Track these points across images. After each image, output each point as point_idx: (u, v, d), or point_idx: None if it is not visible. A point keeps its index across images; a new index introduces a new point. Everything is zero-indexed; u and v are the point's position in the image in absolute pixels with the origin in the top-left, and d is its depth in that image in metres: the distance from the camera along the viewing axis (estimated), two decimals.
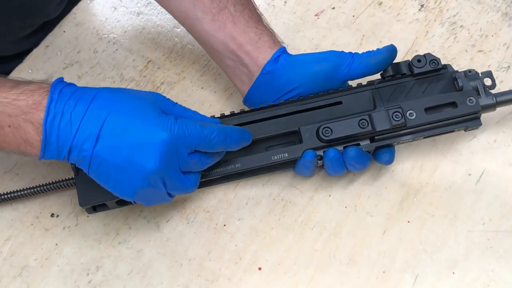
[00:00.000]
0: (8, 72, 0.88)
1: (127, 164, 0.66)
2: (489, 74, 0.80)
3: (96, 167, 0.67)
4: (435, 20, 0.93)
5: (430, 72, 0.78)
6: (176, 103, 0.72)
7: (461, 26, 0.92)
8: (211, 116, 0.76)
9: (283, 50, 0.79)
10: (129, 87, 0.87)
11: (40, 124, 0.65)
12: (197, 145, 0.69)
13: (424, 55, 0.78)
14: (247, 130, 0.74)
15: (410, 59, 0.79)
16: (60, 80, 0.68)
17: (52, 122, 0.65)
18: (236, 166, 0.75)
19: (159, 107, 0.69)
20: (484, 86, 0.78)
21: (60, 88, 0.67)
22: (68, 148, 0.66)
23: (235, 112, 0.77)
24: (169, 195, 0.71)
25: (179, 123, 0.68)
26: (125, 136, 0.66)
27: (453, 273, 0.76)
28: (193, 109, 0.83)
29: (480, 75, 0.79)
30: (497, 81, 0.85)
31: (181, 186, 0.70)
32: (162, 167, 0.67)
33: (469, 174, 0.81)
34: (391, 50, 0.77)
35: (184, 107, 0.72)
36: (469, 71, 0.79)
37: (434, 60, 0.78)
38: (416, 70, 0.77)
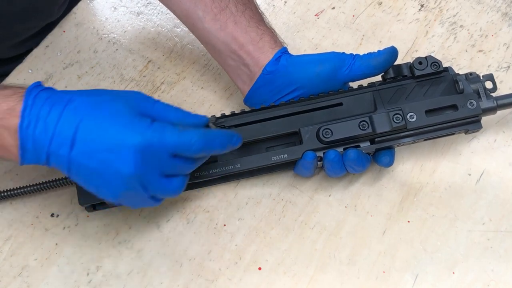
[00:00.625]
0: (8, 73, 0.88)
1: (104, 169, 0.64)
2: (490, 77, 0.80)
3: (76, 172, 0.65)
4: (435, 20, 0.93)
5: (431, 74, 0.78)
6: (158, 101, 0.68)
7: (461, 26, 0.92)
8: (211, 116, 0.76)
9: (284, 51, 0.79)
10: (129, 87, 0.87)
11: (15, 130, 0.64)
12: (175, 150, 0.66)
13: (426, 58, 0.78)
14: (237, 134, 0.70)
15: (410, 60, 0.79)
16: (37, 85, 0.66)
17: (27, 129, 0.64)
18: (236, 166, 0.75)
19: (136, 109, 0.66)
20: (485, 89, 0.79)
21: (35, 93, 0.65)
22: (45, 155, 0.64)
23: (236, 112, 0.77)
24: (154, 198, 0.69)
25: (154, 127, 0.65)
26: (100, 140, 0.64)
27: (453, 273, 0.76)
28: (193, 109, 0.83)
29: (481, 78, 0.79)
30: (496, 81, 0.85)
31: (163, 190, 0.68)
32: (139, 171, 0.64)
33: (469, 174, 0.81)
34: (392, 52, 0.77)
35: (167, 105, 0.69)
36: (470, 74, 0.79)
37: (435, 62, 0.78)
38: (417, 72, 0.78)
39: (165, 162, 0.66)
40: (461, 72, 0.86)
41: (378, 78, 0.80)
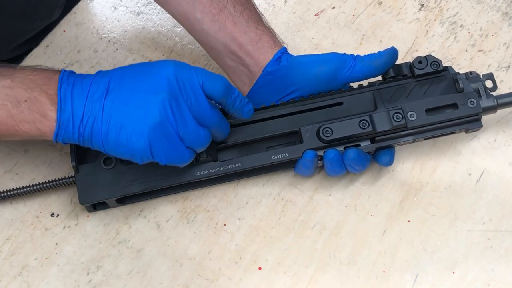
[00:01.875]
0: None
1: (138, 104, 0.67)
2: (490, 76, 0.80)
3: (107, 118, 0.67)
4: (435, 20, 0.93)
5: (431, 73, 0.78)
6: None
7: (461, 26, 0.92)
8: None
9: (284, 51, 0.78)
10: None
11: (55, 94, 0.68)
12: (203, 80, 0.69)
13: (426, 57, 0.78)
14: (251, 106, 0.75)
15: (411, 59, 0.79)
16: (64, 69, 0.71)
17: (66, 90, 0.68)
18: (237, 165, 0.75)
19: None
20: (485, 88, 0.79)
21: (68, 70, 0.71)
22: (81, 112, 0.67)
23: None
24: (183, 146, 0.70)
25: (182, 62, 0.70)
26: (133, 80, 0.68)
27: (453, 272, 0.76)
28: None
29: (481, 77, 0.79)
30: (496, 81, 0.85)
31: (193, 134, 0.69)
32: (174, 92, 0.67)
33: (469, 174, 0.81)
34: (393, 53, 0.77)
35: None
36: (470, 73, 0.79)
37: (435, 61, 0.78)
38: (417, 72, 0.78)
39: (195, 94, 0.69)
40: (461, 72, 0.86)
41: (378, 77, 0.80)
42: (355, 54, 0.78)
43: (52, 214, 0.79)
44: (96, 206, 0.77)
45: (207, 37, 0.79)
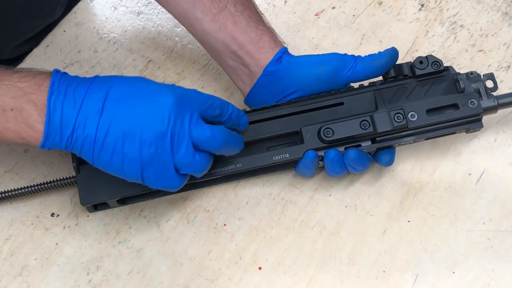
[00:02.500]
0: None
1: (137, 122, 0.66)
2: (490, 76, 0.80)
3: (102, 141, 0.65)
4: (435, 20, 0.93)
5: (432, 73, 0.78)
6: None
7: (461, 26, 0.92)
8: None
9: (284, 51, 0.79)
10: None
11: (43, 105, 0.65)
12: (203, 107, 0.69)
13: (426, 57, 0.78)
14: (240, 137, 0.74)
15: (411, 59, 0.79)
16: (58, 70, 0.68)
17: (56, 101, 0.65)
18: (237, 166, 0.75)
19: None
20: (485, 88, 0.79)
21: (61, 73, 0.68)
22: (72, 127, 0.65)
23: None
24: (178, 173, 0.69)
25: (179, 87, 0.69)
26: (131, 103, 0.66)
27: (453, 272, 0.76)
28: None
29: (482, 77, 0.79)
30: (497, 81, 0.85)
31: (190, 160, 0.68)
32: (172, 121, 0.66)
33: (469, 174, 0.81)
34: (393, 53, 0.78)
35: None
36: (471, 73, 0.79)
37: (436, 61, 0.78)
38: (418, 72, 0.78)
39: (194, 122, 0.68)
40: (461, 72, 0.86)
41: (379, 77, 0.80)
42: (355, 55, 0.78)
43: (52, 214, 0.79)
44: (97, 206, 0.77)
45: (207, 37, 0.79)
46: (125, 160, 0.67)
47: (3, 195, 0.76)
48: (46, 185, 0.77)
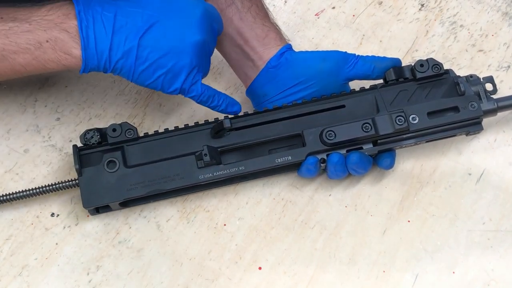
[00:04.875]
0: None
1: (180, 15, 0.71)
2: (490, 79, 0.80)
3: (143, 50, 0.70)
4: (435, 20, 0.93)
5: (432, 76, 0.78)
6: None
7: (461, 26, 0.92)
8: (214, 119, 0.77)
9: (289, 47, 0.80)
10: (129, 87, 0.87)
11: (76, 32, 0.69)
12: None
13: (427, 60, 0.78)
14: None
15: (411, 60, 0.79)
16: None
17: (87, 27, 0.69)
18: (240, 168, 0.75)
19: None
20: (485, 91, 0.79)
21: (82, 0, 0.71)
22: (108, 49, 0.69)
23: (238, 114, 0.77)
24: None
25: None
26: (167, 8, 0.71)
27: (453, 272, 0.76)
28: (193, 109, 0.84)
29: (481, 80, 0.79)
30: (497, 81, 0.85)
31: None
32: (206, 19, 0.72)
33: (469, 174, 0.81)
34: (396, 62, 0.79)
35: None
36: (471, 76, 0.79)
37: (437, 65, 0.78)
38: (418, 75, 0.78)
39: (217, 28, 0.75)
40: (461, 72, 0.86)
41: (380, 80, 0.80)
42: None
43: (52, 214, 0.79)
44: (98, 209, 0.77)
45: None
46: (176, 45, 0.71)
47: (5, 197, 0.76)
48: (48, 188, 0.76)
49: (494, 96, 0.80)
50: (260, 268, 0.76)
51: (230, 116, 0.77)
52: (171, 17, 0.71)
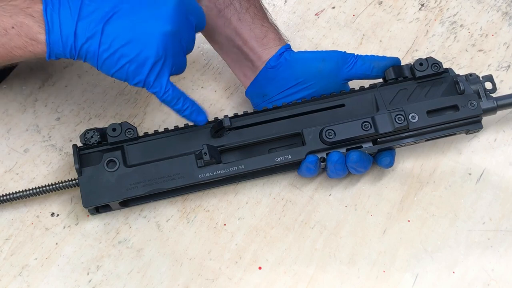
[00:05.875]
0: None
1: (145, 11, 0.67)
2: (489, 78, 0.80)
3: (108, 35, 0.67)
4: (435, 20, 0.93)
5: (432, 75, 0.78)
6: None
7: (461, 26, 0.92)
8: (214, 118, 0.77)
9: (288, 47, 0.80)
10: (129, 87, 0.87)
11: (40, 16, 0.66)
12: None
13: (426, 59, 0.78)
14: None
15: (411, 60, 0.79)
16: None
17: (52, 11, 0.66)
18: (240, 167, 0.75)
19: None
20: (485, 89, 0.79)
21: None
22: (73, 34, 0.67)
23: (238, 114, 0.77)
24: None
25: None
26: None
27: (453, 272, 0.76)
28: None
29: (481, 78, 0.80)
30: (497, 81, 0.85)
31: (192, 39, 0.71)
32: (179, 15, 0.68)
33: (469, 174, 0.81)
34: (395, 61, 0.79)
35: None
36: (470, 74, 0.79)
37: (436, 63, 0.78)
38: (418, 74, 0.78)
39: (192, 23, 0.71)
40: (461, 72, 0.86)
41: (380, 79, 0.80)
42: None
43: (52, 214, 0.79)
44: (98, 209, 0.77)
45: (212, 32, 0.81)
46: (140, 38, 0.67)
47: (5, 197, 0.76)
48: (48, 188, 0.76)
49: (494, 95, 0.80)
50: (260, 268, 0.76)
51: (230, 115, 0.77)
52: (141, 5, 0.68)
